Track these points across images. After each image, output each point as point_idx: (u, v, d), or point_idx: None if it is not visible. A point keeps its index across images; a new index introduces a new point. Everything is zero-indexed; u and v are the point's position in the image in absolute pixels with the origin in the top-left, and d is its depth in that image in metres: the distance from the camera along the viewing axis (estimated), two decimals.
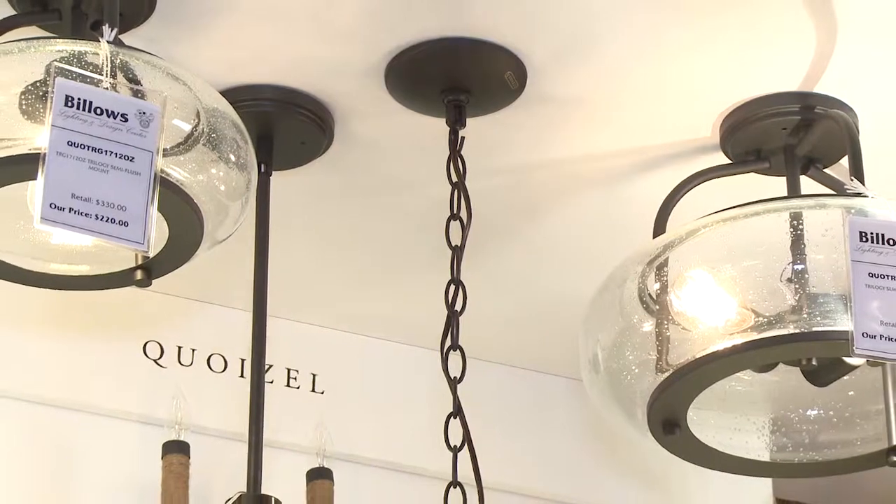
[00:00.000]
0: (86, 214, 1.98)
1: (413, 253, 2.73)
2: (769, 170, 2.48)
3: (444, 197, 2.42)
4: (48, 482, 2.73)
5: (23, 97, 2.07)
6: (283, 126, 2.47)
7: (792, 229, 2.24)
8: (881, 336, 2.13)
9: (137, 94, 2.06)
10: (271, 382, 2.79)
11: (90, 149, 2.00)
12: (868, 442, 2.36)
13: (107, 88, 2.04)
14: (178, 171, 2.11)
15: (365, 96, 2.45)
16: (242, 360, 2.83)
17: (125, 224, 2.00)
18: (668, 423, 2.30)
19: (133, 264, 2.14)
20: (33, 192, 2.00)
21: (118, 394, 2.80)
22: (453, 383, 2.34)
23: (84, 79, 2.03)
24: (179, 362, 2.86)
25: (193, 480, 2.69)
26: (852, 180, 2.32)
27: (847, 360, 2.28)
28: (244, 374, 2.79)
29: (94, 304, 2.56)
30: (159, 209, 2.04)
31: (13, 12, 2.23)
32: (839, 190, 2.36)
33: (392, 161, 2.57)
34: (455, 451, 2.32)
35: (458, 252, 2.39)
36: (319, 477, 2.76)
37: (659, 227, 2.39)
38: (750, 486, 3.04)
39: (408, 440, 2.87)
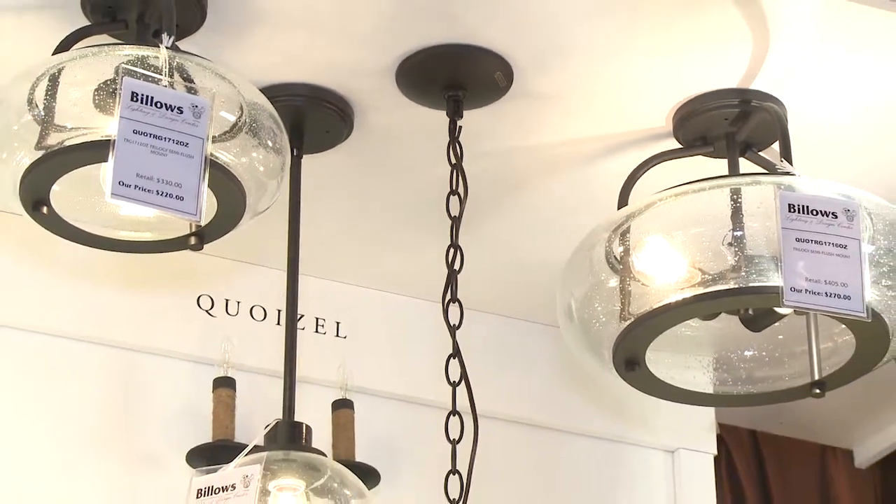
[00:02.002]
0: (148, 190, 1.99)
1: (419, 222, 2.72)
2: (713, 153, 2.47)
3: (444, 176, 2.41)
4: (118, 411, 2.73)
5: (96, 93, 2.07)
6: (312, 117, 2.46)
7: (732, 202, 2.23)
8: (806, 290, 2.13)
9: (191, 90, 2.06)
10: (303, 329, 2.78)
11: (152, 136, 2.00)
12: (795, 377, 2.36)
13: (165, 86, 2.04)
14: (224, 155, 2.11)
15: (379, 93, 2.44)
16: (279, 311, 2.82)
17: (181, 198, 2.00)
18: (629, 361, 2.30)
19: (188, 231, 2.14)
20: (105, 172, 2.01)
21: (176, 338, 2.80)
22: (452, 330, 2.33)
23: (147, 78, 2.03)
24: (227, 312, 2.85)
25: (239, 410, 2.70)
26: (782, 161, 2.32)
27: (778, 310, 2.27)
28: (280, 322, 2.79)
29: (156, 265, 2.55)
30: (209, 186, 2.05)
31: (87, 23, 2.22)
32: (771, 169, 2.36)
33: (402, 146, 2.57)
34: (454, 385, 2.32)
35: (456, 221, 2.39)
36: (342, 406, 2.76)
37: (622, 201, 2.39)
38: (697, 414, 3.04)
39: (415, 376, 2.87)
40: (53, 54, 2.14)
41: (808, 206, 2.17)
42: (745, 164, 2.44)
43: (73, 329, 2.74)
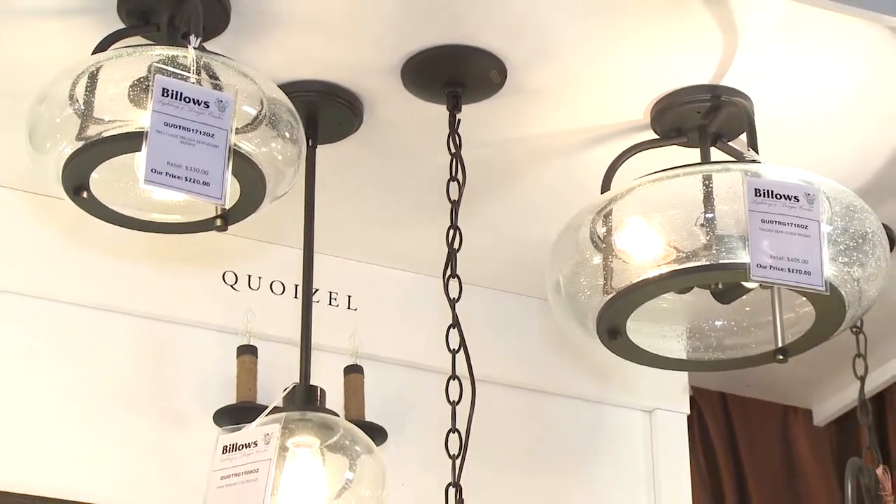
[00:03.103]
0: (178, 177, 1.99)
1: (422, 205, 2.71)
2: (687, 143, 2.46)
3: (444, 164, 2.41)
4: (152, 376, 2.73)
5: (131, 89, 2.07)
6: (325, 111, 2.46)
7: (704, 187, 2.23)
8: (771, 266, 2.13)
9: (216, 87, 2.07)
10: (317, 302, 2.78)
11: (181, 128, 2.00)
12: (760, 345, 2.36)
13: (193, 83, 2.04)
14: (246, 145, 2.11)
15: (386, 88, 2.43)
16: (296, 286, 2.82)
17: (207, 184, 2.00)
18: (611, 331, 2.30)
19: (213, 214, 2.14)
20: (139, 160, 2.00)
21: (204, 310, 2.79)
22: (452, 303, 2.33)
23: (176, 76, 2.03)
24: (249, 287, 2.85)
25: (260, 374, 2.70)
26: (749, 150, 2.32)
27: (745, 284, 2.28)
28: (297, 296, 2.78)
29: (185, 244, 2.55)
30: (233, 173, 2.05)
31: (123, 26, 2.22)
32: (739, 158, 2.36)
33: (406, 137, 2.56)
34: (454, 353, 2.32)
35: (455, 205, 2.38)
36: (353, 371, 2.76)
37: (605, 186, 2.39)
38: (672, 378, 3.04)
39: (419, 345, 2.86)
40: (92, 54, 2.14)
41: (772, 191, 2.17)
42: (715, 153, 2.43)
43: (110, 302, 2.73)
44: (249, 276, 2.86)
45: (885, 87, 2.46)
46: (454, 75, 2.40)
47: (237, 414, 2.62)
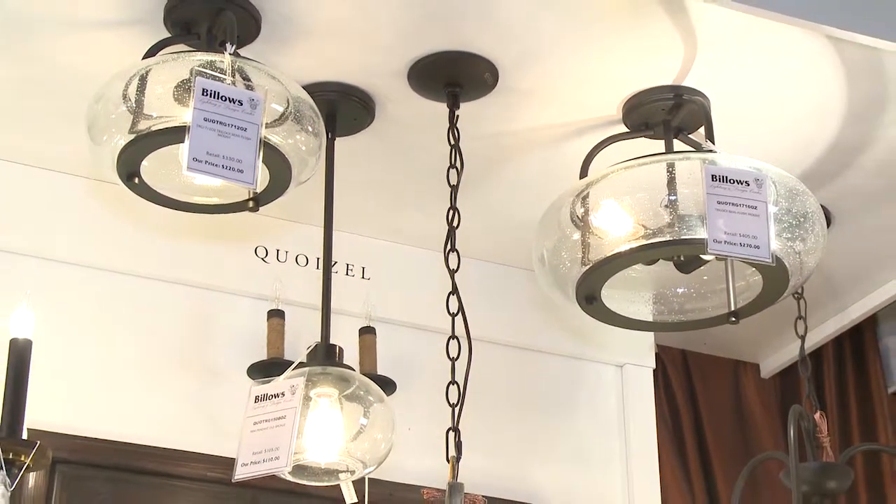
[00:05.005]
0: (216, 165, 1.99)
1: (426, 189, 2.70)
2: (653, 136, 2.46)
3: (445, 153, 2.40)
4: (193, 336, 2.73)
5: (175, 90, 2.07)
6: (342, 108, 2.45)
7: (668, 173, 2.23)
8: (725, 241, 2.13)
9: (249, 87, 2.06)
10: (336, 272, 2.78)
11: (218, 123, 2.00)
12: (716, 308, 2.36)
13: (229, 84, 2.03)
14: (275, 137, 2.11)
15: (394, 89, 2.43)
16: (318, 258, 2.81)
17: (241, 171, 2.00)
18: (589, 297, 2.30)
19: (246, 197, 2.14)
20: (182, 151, 2.00)
21: (239, 279, 2.79)
22: (452, 273, 2.32)
23: (215, 78, 2.03)
24: (278, 259, 2.85)
25: (287, 335, 2.70)
26: (707, 142, 2.32)
27: (703, 256, 2.28)
28: (318, 267, 2.78)
29: (223, 223, 2.54)
30: (263, 162, 2.04)
31: (168, 35, 2.21)
32: (698, 148, 2.35)
33: (412, 130, 2.55)
34: (453, 316, 2.31)
35: (454, 189, 2.38)
36: (367, 332, 2.76)
37: (583, 172, 2.38)
38: (639, 337, 3.04)
39: (423, 309, 2.86)
40: (142, 59, 2.13)
41: (726, 176, 2.17)
42: (678, 144, 2.43)
43: (159, 273, 2.73)
44: (278, 251, 2.85)
45: (822, 87, 2.45)
46: (453, 77, 2.39)
47: (267, 368, 2.63)
